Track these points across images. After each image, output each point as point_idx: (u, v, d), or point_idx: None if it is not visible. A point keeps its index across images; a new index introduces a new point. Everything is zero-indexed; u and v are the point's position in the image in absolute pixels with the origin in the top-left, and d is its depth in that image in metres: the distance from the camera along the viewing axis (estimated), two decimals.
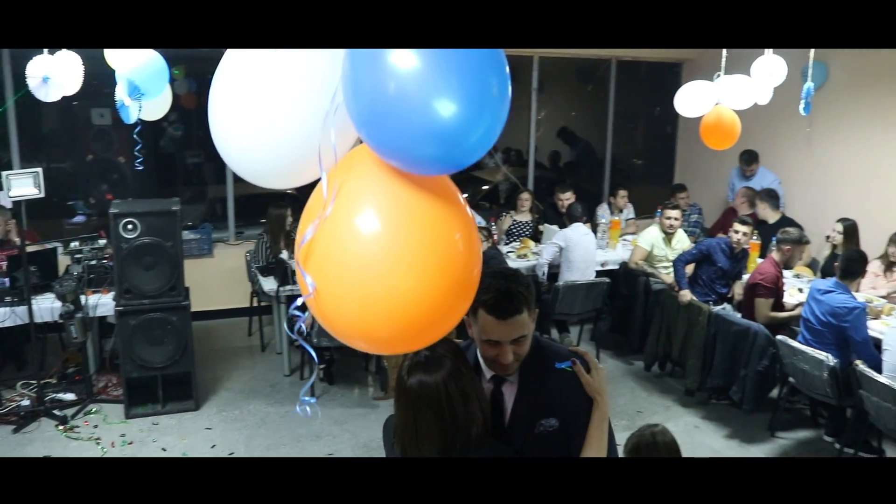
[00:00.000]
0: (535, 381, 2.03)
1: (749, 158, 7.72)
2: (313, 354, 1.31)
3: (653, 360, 6.31)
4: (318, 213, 1.27)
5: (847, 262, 4.87)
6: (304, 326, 1.25)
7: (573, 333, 6.98)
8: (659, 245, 6.60)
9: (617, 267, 6.94)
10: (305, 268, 1.28)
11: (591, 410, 2.00)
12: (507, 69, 1.17)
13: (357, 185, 1.28)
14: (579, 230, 6.49)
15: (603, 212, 7.96)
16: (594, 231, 6.90)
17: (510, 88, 1.17)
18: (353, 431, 5.18)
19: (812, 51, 5.19)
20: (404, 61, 1.08)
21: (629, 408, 5.69)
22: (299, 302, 1.25)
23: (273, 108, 1.30)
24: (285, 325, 1.44)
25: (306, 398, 1.34)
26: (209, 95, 1.39)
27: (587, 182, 9.46)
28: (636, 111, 10.24)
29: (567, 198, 7.23)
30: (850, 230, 6.17)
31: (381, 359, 5.91)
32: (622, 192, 8.04)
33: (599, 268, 6.78)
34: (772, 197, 7.08)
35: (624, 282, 6.73)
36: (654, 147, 10.40)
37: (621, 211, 7.99)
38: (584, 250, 6.47)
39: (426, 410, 1.84)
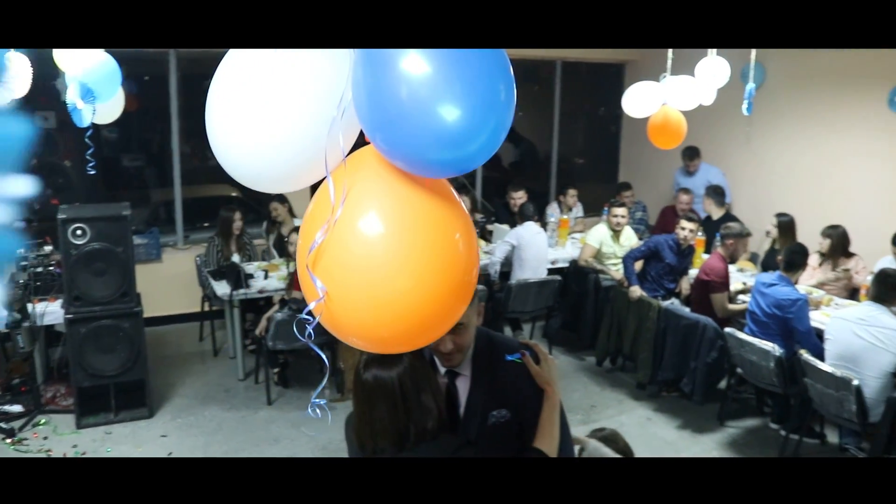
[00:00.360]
0: (486, 374, 2.09)
1: (691, 154, 7.94)
2: (323, 357, 1.32)
3: (604, 356, 6.44)
4: (324, 218, 1.28)
5: (790, 256, 5.07)
6: (312, 332, 1.26)
7: (526, 331, 7.08)
8: (607, 242, 6.73)
9: (567, 265, 7.06)
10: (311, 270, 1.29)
11: (543, 401, 2.05)
12: (512, 72, 1.21)
13: (361, 187, 1.30)
14: (531, 229, 6.58)
15: (552, 210, 8.08)
16: (544, 229, 7.01)
17: (515, 92, 1.22)
18: (311, 434, 5.16)
19: (753, 52, 5.37)
20: (417, 67, 1.11)
21: (583, 402, 5.80)
22: (312, 306, 1.26)
23: (274, 110, 1.30)
24: (295, 329, 1.43)
25: (317, 400, 1.34)
26: (207, 97, 1.38)
27: (532, 181, 9.59)
28: (580, 111, 10.42)
29: (519, 196, 7.32)
30: (785, 225, 6.39)
31: (336, 361, 5.90)
32: (572, 192, 8.17)
33: (550, 266, 6.88)
34: (718, 194, 7.30)
35: (574, 279, 6.84)
36: (598, 146, 10.60)
37: (570, 209, 8.12)
38: (536, 249, 6.57)
39: (381, 403, 1.89)
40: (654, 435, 5.29)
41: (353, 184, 1.29)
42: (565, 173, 9.67)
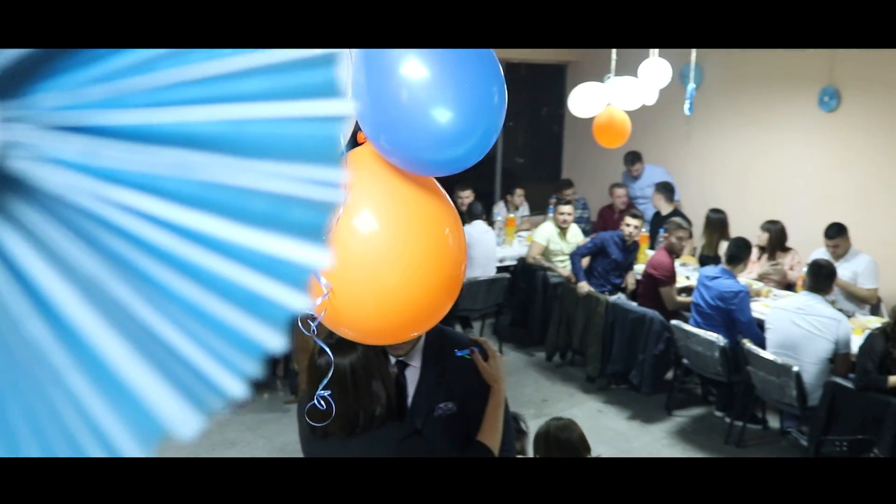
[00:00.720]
0: (435, 366, 2.14)
1: (632, 159, 7.98)
2: (326, 349, 1.37)
3: (554, 351, 6.56)
4: None
5: (733, 249, 5.29)
6: (315, 329, 1.30)
7: (476, 328, 7.17)
8: (554, 240, 6.86)
9: (515, 263, 7.17)
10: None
11: (489, 396, 2.13)
12: (503, 75, 1.29)
13: (356, 186, 1.35)
14: (479, 227, 6.67)
15: (499, 209, 8.19)
16: (492, 228, 7.11)
17: (506, 93, 1.29)
18: (267, 437, 5.15)
19: (694, 52, 5.57)
20: (417, 71, 1.17)
21: (535, 397, 5.91)
22: (317, 302, 1.31)
23: None
24: (300, 324, 1.44)
25: (321, 392, 1.39)
26: None
27: (476, 181, 9.65)
28: (522, 112, 10.56)
29: (467, 196, 7.39)
30: (714, 222, 6.59)
31: (289, 363, 5.88)
32: (519, 191, 8.28)
33: (498, 264, 6.98)
34: (667, 190, 7.43)
35: (522, 277, 6.96)
36: (541, 146, 10.75)
37: (517, 208, 8.24)
38: (484, 247, 6.66)
39: (331, 388, 1.93)
40: (605, 426, 5.44)
41: (354, 182, 1.34)
42: (509, 173, 9.78)
